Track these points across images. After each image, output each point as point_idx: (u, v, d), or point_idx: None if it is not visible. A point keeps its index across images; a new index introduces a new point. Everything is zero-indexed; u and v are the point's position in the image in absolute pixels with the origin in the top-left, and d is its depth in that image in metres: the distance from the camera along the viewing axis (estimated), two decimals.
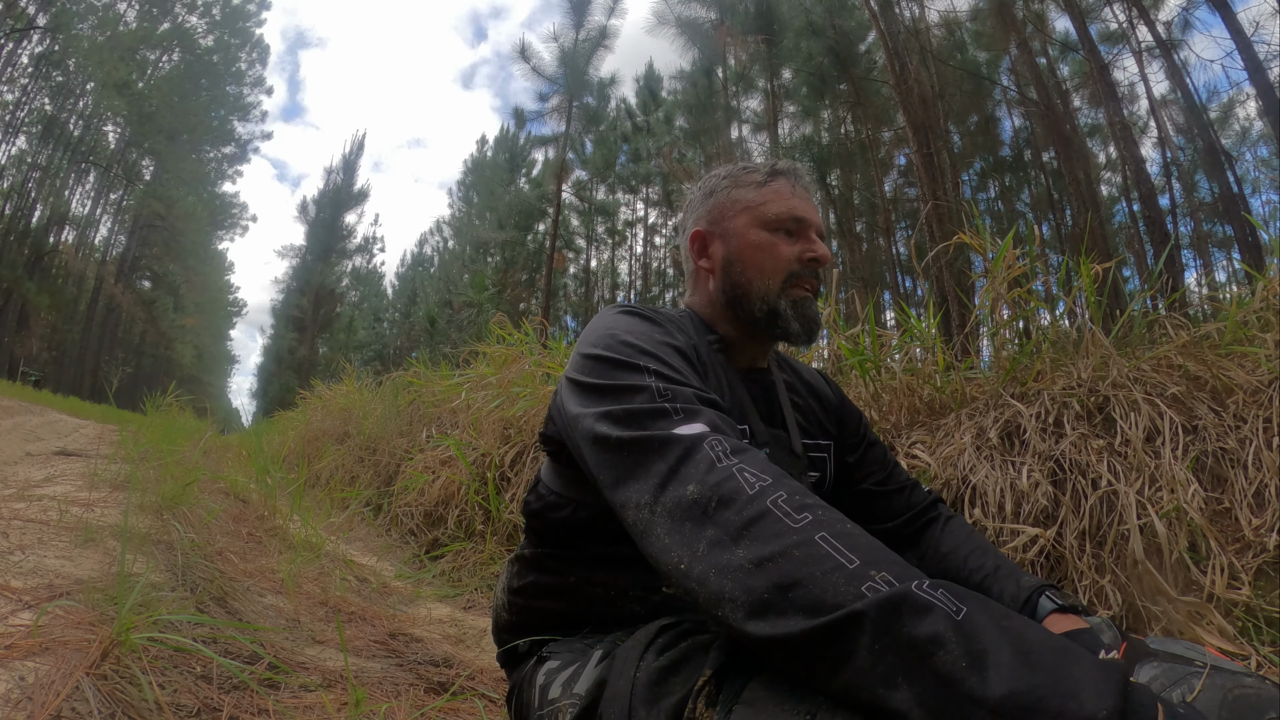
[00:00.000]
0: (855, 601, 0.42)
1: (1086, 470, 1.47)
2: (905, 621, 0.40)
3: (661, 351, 0.70)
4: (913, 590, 0.41)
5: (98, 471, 2.14)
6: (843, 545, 0.46)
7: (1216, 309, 2.36)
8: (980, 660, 0.37)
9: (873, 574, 0.43)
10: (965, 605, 0.41)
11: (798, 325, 0.83)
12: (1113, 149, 11.60)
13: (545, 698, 0.69)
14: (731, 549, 0.48)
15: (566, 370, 0.75)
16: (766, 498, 0.50)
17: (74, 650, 0.75)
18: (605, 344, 0.71)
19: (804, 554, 0.45)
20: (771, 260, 0.83)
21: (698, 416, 0.60)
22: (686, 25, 12.53)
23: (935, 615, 0.40)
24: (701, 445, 0.56)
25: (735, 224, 0.86)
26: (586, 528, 0.77)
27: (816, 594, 0.43)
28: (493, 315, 4.83)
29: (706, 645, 0.56)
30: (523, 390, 2.85)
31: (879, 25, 8.51)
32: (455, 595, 1.99)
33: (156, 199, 26.00)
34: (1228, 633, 1.19)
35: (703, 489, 0.52)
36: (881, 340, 2.18)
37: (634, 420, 0.61)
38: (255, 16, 28.57)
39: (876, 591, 0.42)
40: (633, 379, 0.65)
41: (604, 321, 0.77)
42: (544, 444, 0.82)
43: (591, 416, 0.65)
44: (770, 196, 0.85)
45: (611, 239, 20.42)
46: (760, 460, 0.55)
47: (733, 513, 0.50)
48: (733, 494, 0.51)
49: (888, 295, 11.85)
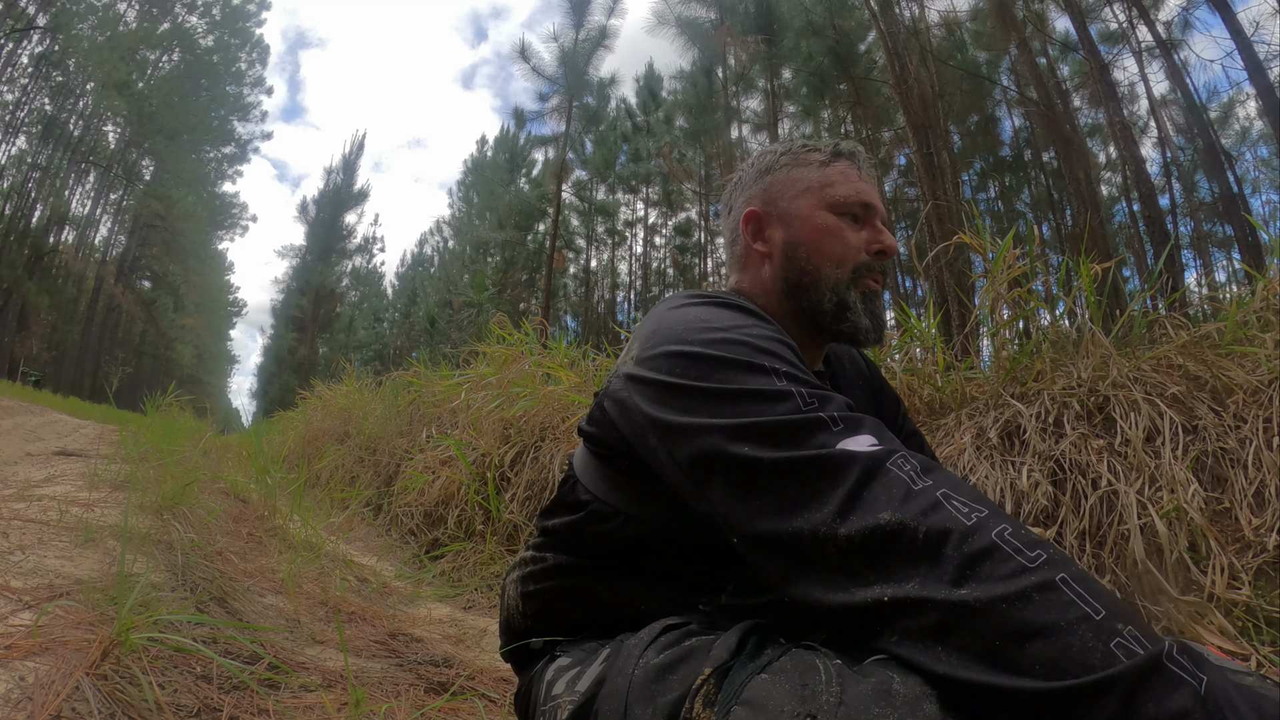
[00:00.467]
0: (1106, 666, 0.37)
1: (1086, 470, 1.47)
2: (1154, 695, 0.36)
3: (780, 350, 0.60)
4: (1164, 659, 0.37)
5: (98, 471, 2.14)
6: (1085, 591, 0.40)
7: (1216, 309, 2.36)
8: None
9: (1120, 628, 0.38)
10: (1205, 674, 0.37)
11: (868, 321, 0.75)
12: (1113, 149, 11.60)
13: (549, 693, 0.67)
14: (953, 590, 0.42)
15: (640, 368, 0.63)
16: (990, 530, 0.43)
17: (74, 650, 0.75)
18: (704, 340, 0.60)
19: (1045, 599, 0.40)
20: (841, 246, 0.75)
21: (862, 427, 0.52)
22: (686, 25, 12.54)
23: (1184, 691, 0.36)
24: (885, 464, 0.48)
25: (798, 205, 0.77)
26: (634, 541, 0.69)
27: (1061, 648, 0.38)
28: (493, 315, 4.84)
29: (708, 644, 0.54)
30: (523, 390, 2.85)
31: (879, 25, 8.51)
32: (455, 595, 1.99)
33: (156, 199, 26.00)
34: (1228, 633, 1.19)
35: (904, 517, 0.45)
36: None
37: (786, 435, 0.52)
38: (255, 16, 28.57)
39: (1128, 651, 0.37)
40: (761, 383, 0.55)
41: (688, 313, 0.65)
42: (592, 445, 0.72)
43: (716, 432, 0.54)
44: (837, 178, 0.77)
45: (611, 239, 20.42)
46: (967, 486, 0.48)
47: (950, 548, 0.43)
48: (945, 525, 0.44)
49: (888, 295, 11.80)
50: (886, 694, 0.42)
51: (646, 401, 0.61)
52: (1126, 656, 0.37)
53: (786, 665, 0.48)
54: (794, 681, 0.45)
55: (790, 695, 0.44)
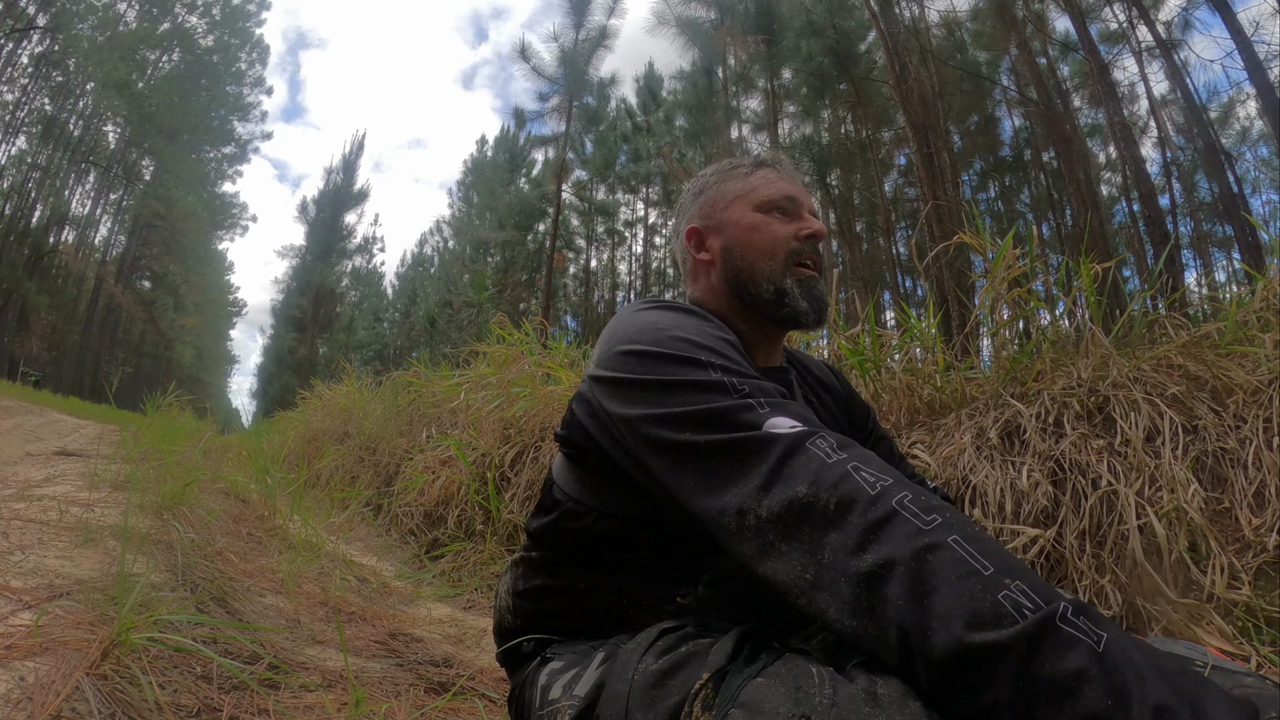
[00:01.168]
0: (997, 625, 0.40)
1: (1086, 470, 1.47)
2: (1049, 655, 0.38)
3: (718, 345, 0.65)
4: (1057, 619, 0.39)
5: (98, 471, 2.13)
6: (975, 550, 0.44)
7: (1216, 309, 2.37)
8: (1124, 698, 0.36)
9: (1007, 583, 0.41)
10: (1104, 631, 0.39)
11: (806, 304, 0.81)
12: (1113, 149, 11.61)
13: (546, 698, 0.69)
14: (859, 555, 0.46)
15: (598, 368, 0.70)
16: (891, 498, 0.47)
17: (74, 650, 0.75)
18: (652, 338, 0.66)
19: (937, 558, 0.43)
20: (769, 239, 0.82)
21: (786, 410, 0.56)
22: (686, 25, 12.53)
23: (1080, 649, 0.38)
24: (805, 443, 0.53)
25: (729, 213, 0.85)
26: (605, 536, 0.74)
27: (952, 601, 0.41)
28: (493, 315, 4.83)
29: (706, 648, 0.56)
30: (523, 390, 2.85)
31: (879, 25, 8.51)
32: (455, 595, 1.99)
33: (156, 199, 25.99)
34: (1227, 633, 1.19)
35: (817, 489, 0.49)
36: (881, 340, 2.18)
37: (717, 419, 0.57)
38: (255, 16, 28.55)
39: (1015, 603, 0.40)
40: (697, 374, 0.61)
41: (640, 316, 0.72)
42: (564, 447, 0.77)
43: (656, 420, 0.60)
44: (759, 182, 0.85)
45: (611, 239, 20.43)
46: (874, 458, 0.52)
47: (856, 515, 0.47)
48: (853, 494, 0.48)
49: (888, 295, 11.85)
50: (874, 696, 0.44)
51: (605, 398, 0.67)
52: (1014, 609, 0.40)
53: (781, 669, 0.50)
54: (788, 685, 0.47)
55: (785, 698, 0.46)
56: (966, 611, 0.41)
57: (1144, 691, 0.36)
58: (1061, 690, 0.37)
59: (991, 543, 0.45)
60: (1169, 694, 0.36)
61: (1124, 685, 0.36)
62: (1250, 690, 0.51)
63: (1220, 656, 0.58)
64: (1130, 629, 1.26)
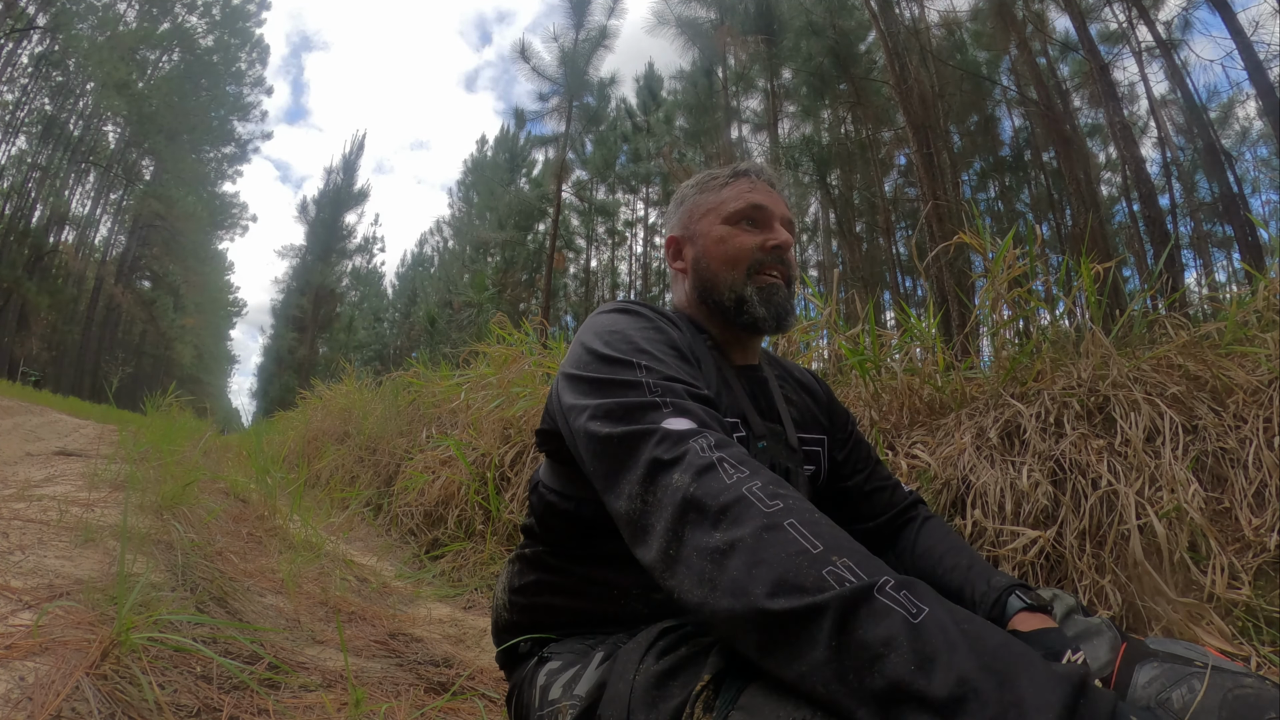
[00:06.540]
0: (818, 592, 0.43)
1: (1086, 470, 1.47)
2: (864, 621, 0.41)
3: (657, 349, 0.72)
4: (874, 590, 0.42)
5: (98, 471, 2.13)
6: (809, 531, 0.48)
7: (1216, 309, 2.37)
8: (928, 665, 0.38)
9: (834, 559, 0.45)
10: (927, 607, 0.41)
11: (763, 310, 0.86)
12: (1113, 149, 11.60)
13: (546, 698, 0.69)
14: (710, 533, 0.51)
15: (563, 364, 0.77)
16: (743, 485, 0.53)
17: (74, 650, 0.75)
18: (603, 339, 0.73)
19: (771, 537, 0.48)
20: (734, 250, 0.87)
21: (687, 412, 0.62)
22: (686, 25, 12.53)
23: (893, 619, 0.41)
24: (688, 439, 0.58)
25: (702, 225, 0.91)
26: (589, 525, 0.77)
27: (780, 573, 0.45)
28: (493, 315, 4.84)
29: (707, 649, 0.57)
30: (523, 390, 2.85)
31: (879, 25, 8.51)
32: (455, 595, 1.99)
33: (156, 199, 25.99)
34: (1227, 633, 1.19)
35: (687, 479, 0.55)
36: (882, 340, 2.18)
37: (626, 415, 0.63)
38: (255, 16, 28.55)
39: (839, 578, 0.43)
40: (626, 374, 0.67)
41: (602, 317, 0.79)
42: (542, 442, 0.82)
43: (585, 412, 0.66)
44: (730, 195, 0.90)
45: (611, 239, 20.43)
46: (741, 453, 0.57)
47: (711, 499, 0.52)
48: (712, 484, 0.53)
49: (888, 295, 11.85)
50: None
51: (562, 390, 0.73)
52: (838, 583, 0.43)
53: None
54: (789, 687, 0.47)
55: (785, 700, 0.46)
56: (791, 582, 0.44)
57: (951, 660, 0.37)
58: (871, 655, 0.40)
59: (828, 526, 0.49)
60: (976, 666, 0.37)
61: (932, 654, 0.38)
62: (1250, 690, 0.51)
63: (1220, 657, 0.58)
64: (1130, 629, 1.26)
